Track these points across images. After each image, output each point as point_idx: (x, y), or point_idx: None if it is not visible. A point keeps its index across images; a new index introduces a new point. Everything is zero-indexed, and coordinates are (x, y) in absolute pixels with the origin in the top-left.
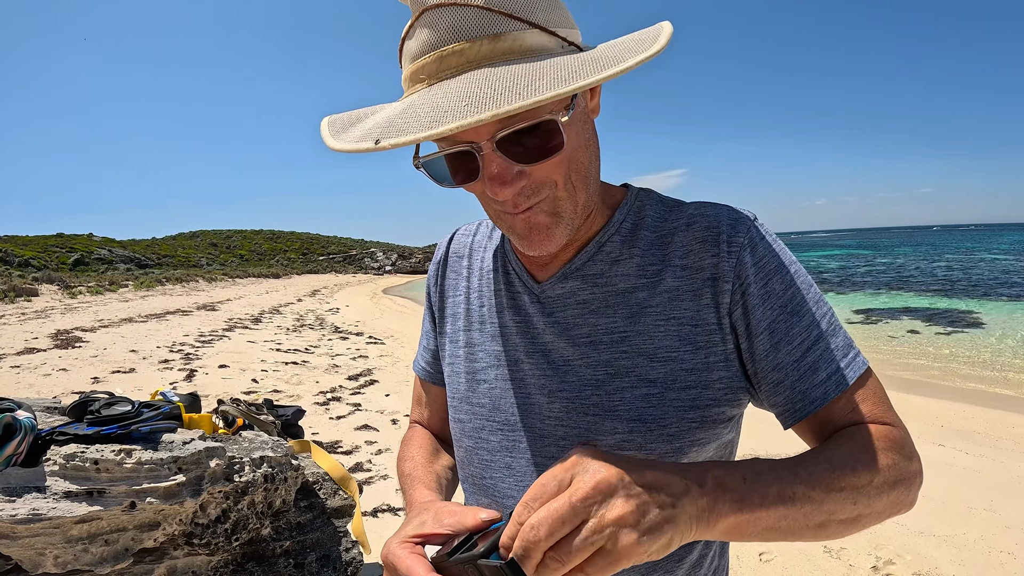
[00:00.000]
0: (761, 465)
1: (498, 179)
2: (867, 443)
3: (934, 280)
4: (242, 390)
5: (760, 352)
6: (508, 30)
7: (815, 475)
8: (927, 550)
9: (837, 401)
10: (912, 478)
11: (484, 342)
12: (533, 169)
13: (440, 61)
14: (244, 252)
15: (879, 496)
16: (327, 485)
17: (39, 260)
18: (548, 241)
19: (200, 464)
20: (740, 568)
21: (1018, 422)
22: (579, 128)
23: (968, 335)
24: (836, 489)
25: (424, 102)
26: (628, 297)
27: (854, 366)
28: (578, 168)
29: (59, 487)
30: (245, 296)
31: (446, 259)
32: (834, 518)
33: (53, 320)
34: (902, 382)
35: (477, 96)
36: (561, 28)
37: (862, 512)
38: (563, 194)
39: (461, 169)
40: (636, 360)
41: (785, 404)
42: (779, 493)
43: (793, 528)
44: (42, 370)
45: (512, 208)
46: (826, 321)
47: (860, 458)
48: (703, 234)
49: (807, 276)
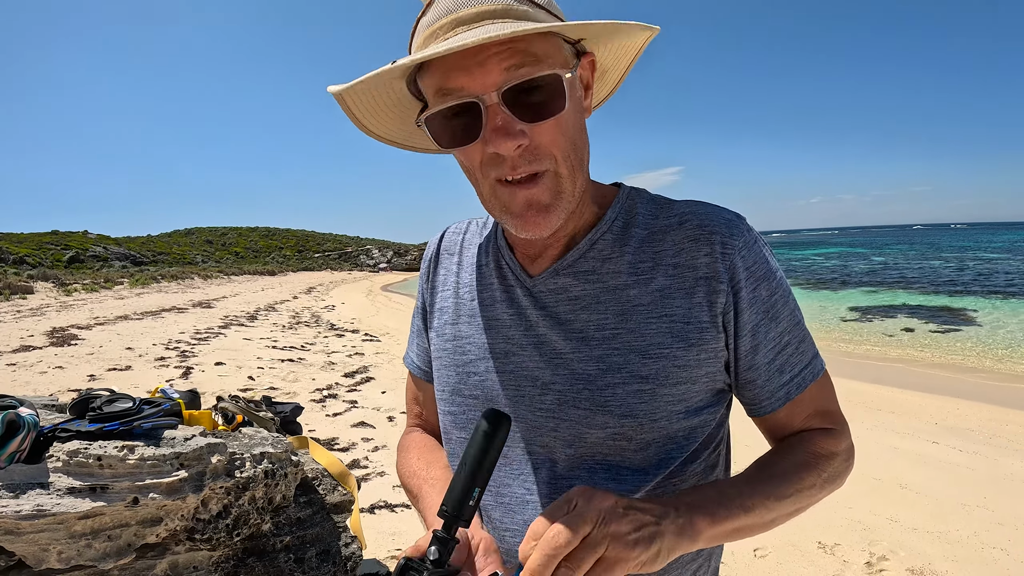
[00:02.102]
0: (723, 484)
1: (502, 130)
2: (813, 451)
3: (929, 278)
4: (238, 387)
5: (741, 352)
6: (522, 6)
7: (768, 488)
8: (921, 546)
9: (796, 400)
10: (846, 471)
11: (473, 334)
12: (534, 130)
13: (456, 21)
14: (240, 249)
15: (820, 492)
16: (326, 481)
17: (34, 258)
18: (544, 221)
19: (202, 460)
20: (735, 564)
21: (1011, 419)
22: (575, 108)
23: (962, 333)
24: (785, 496)
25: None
26: (619, 294)
27: (814, 369)
28: (575, 148)
29: (62, 483)
30: (241, 293)
31: (437, 256)
32: (782, 515)
33: (49, 318)
34: (897, 380)
35: (491, 33)
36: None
37: (804, 505)
38: (564, 171)
39: (463, 129)
40: (628, 357)
41: (753, 400)
42: (741, 504)
43: (752, 528)
44: (38, 368)
45: (511, 170)
46: (797, 327)
47: (807, 461)
48: (695, 232)
49: (786, 282)
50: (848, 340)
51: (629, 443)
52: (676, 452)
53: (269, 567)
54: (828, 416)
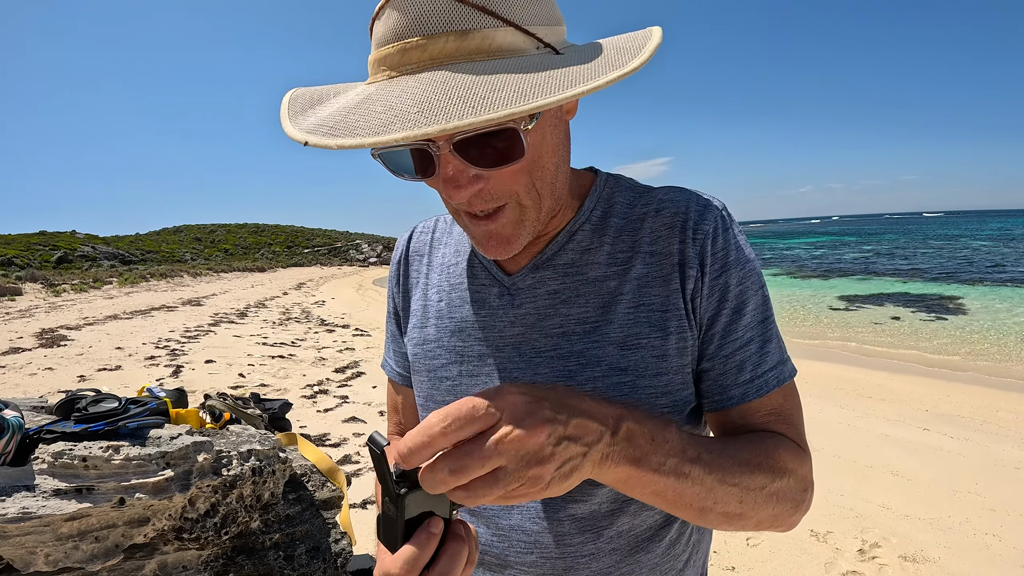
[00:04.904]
0: (672, 433)
1: (452, 181)
2: (774, 452)
3: (917, 266)
4: (229, 385)
5: (703, 340)
6: (478, 27)
7: (715, 463)
8: (913, 533)
9: (755, 403)
10: (800, 503)
11: (442, 338)
12: (491, 174)
13: (403, 54)
14: (229, 246)
15: (765, 505)
16: (315, 477)
17: (22, 259)
18: (505, 250)
19: (188, 459)
20: (728, 552)
21: (1002, 405)
22: (546, 133)
23: (951, 320)
24: (729, 483)
25: (381, 98)
26: (599, 286)
27: (780, 373)
28: (543, 175)
29: (48, 485)
30: (230, 290)
31: (406, 258)
32: (717, 508)
33: (37, 319)
34: (886, 367)
35: (431, 103)
36: (540, 26)
37: (744, 512)
38: (528, 202)
39: (419, 164)
40: (607, 349)
41: (705, 393)
42: (676, 467)
43: (676, 501)
44: (27, 369)
45: (468, 208)
46: (765, 325)
47: (762, 463)
48: (671, 220)
49: (760, 276)
50: (837, 328)
51: None
52: None
53: (259, 565)
54: (792, 427)
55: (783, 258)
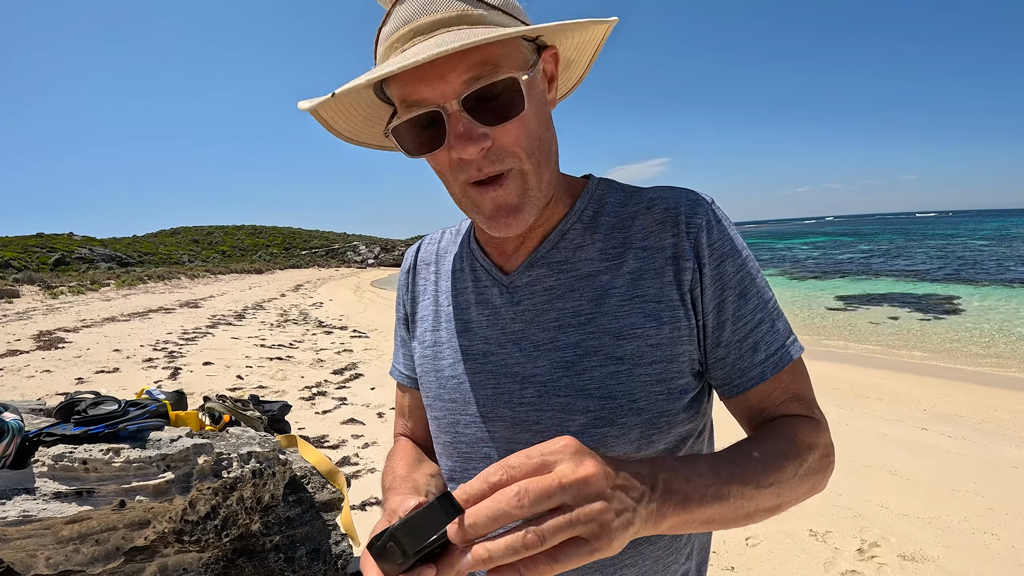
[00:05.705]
0: (701, 465)
1: (464, 136)
2: (795, 436)
3: (915, 266)
4: (227, 387)
5: (709, 329)
6: (477, 10)
7: (748, 473)
8: (912, 532)
9: (772, 381)
10: (827, 468)
11: (450, 340)
12: (496, 132)
13: (413, 31)
14: (226, 248)
15: (799, 486)
16: (315, 479)
17: (19, 261)
18: (514, 221)
19: (188, 461)
20: (727, 552)
21: (1000, 404)
22: (538, 104)
23: (948, 320)
24: (765, 486)
25: (398, 59)
26: (592, 280)
27: (791, 350)
28: (540, 144)
29: (48, 488)
30: (228, 292)
31: (415, 267)
32: (760, 508)
33: (35, 321)
34: (884, 366)
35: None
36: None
37: (782, 502)
38: (528, 167)
39: (428, 137)
40: (603, 339)
41: (725, 379)
42: (716, 493)
43: (726, 519)
44: (25, 372)
45: (477, 171)
46: (770, 306)
47: (787, 450)
48: (662, 215)
49: (756, 263)
50: (835, 328)
51: (611, 428)
52: (658, 438)
53: (259, 567)
54: (805, 404)
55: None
